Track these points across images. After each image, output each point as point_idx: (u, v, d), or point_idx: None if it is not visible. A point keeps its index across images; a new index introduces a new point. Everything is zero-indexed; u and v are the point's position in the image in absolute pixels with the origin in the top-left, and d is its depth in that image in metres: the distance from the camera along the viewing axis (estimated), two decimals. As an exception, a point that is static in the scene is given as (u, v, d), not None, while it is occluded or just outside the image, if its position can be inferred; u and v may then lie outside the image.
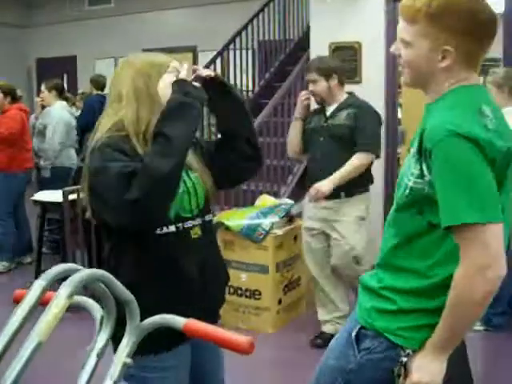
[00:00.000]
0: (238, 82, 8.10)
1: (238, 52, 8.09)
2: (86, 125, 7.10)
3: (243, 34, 8.10)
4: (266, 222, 4.83)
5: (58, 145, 6.72)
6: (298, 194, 6.44)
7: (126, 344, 1.51)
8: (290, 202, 5.35)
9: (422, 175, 1.77)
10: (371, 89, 6.04)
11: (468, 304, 1.69)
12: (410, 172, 1.81)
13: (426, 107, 1.92)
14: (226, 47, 7.71)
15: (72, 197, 5.27)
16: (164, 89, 2.09)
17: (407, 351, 1.83)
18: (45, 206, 5.77)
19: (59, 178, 6.55)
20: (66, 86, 12.44)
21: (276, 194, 6.20)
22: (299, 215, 5.28)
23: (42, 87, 7.16)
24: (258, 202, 5.40)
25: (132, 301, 1.48)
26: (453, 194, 1.67)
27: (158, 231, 2.06)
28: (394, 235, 1.90)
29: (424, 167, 1.76)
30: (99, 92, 8.03)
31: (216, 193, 2.33)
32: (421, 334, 1.82)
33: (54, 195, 5.57)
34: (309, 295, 5.22)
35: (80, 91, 9.79)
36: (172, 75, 2.11)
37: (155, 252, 2.08)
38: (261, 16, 8.22)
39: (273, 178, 6.43)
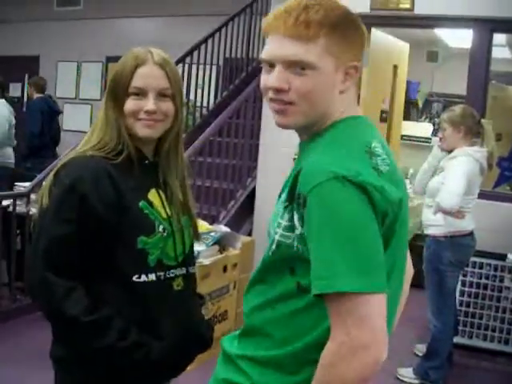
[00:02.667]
0: (194, 96, 7.76)
1: (201, 66, 7.76)
2: (40, 128, 7.15)
3: (209, 48, 7.78)
4: (190, 250, 4.45)
5: None
6: (239, 221, 6.10)
7: None
8: (226, 229, 4.99)
9: (292, 227, 1.41)
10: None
11: None
12: (276, 223, 1.46)
13: (301, 145, 1.57)
14: (182, 60, 7.34)
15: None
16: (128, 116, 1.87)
17: None
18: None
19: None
20: (25, 86, 12.26)
21: (214, 219, 5.84)
22: (234, 245, 4.90)
23: None
24: (194, 226, 5.02)
25: None
26: (329, 253, 1.31)
27: (135, 278, 1.79)
28: (258, 294, 1.56)
29: (295, 218, 1.40)
30: (40, 95, 7.57)
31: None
32: None
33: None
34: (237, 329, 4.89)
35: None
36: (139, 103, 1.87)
37: (127, 300, 1.80)
38: (226, 32, 7.92)
39: (212, 201, 6.05)
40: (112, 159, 1.81)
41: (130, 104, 1.83)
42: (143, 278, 1.79)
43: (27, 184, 5.30)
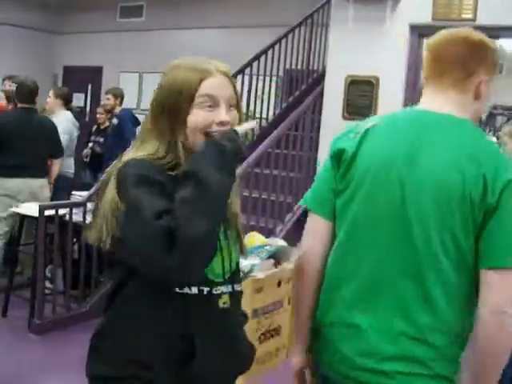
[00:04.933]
0: (253, 108, 7.73)
1: (261, 77, 7.73)
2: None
3: (269, 59, 7.74)
4: (245, 263, 4.37)
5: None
6: (295, 235, 6.00)
7: None
8: (282, 242, 4.90)
9: None
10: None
11: None
12: None
13: None
14: (242, 71, 7.31)
15: (48, 212, 4.97)
16: (194, 129, 1.75)
17: None
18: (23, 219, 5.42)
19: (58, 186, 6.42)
20: (89, 96, 12.45)
21: (271, 232, 5.76)
22: (289, 259, 4.80)
23: (50, 92, 7.21)
24: (245, 240, 4.94)
25: None
26: None
27: (177, 288, 1.71)
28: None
29: None
30: (119, 106, 7.81)
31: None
32: None
33: (31, 209, 5.19)
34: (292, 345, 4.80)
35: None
36: (211, 114, 1.75)
37: (168, 310, 1.72)
38: (286, 43, 7.87)
39: (269, 214, 5.97)
40: (168, 171, 1.72)
41: (199, 115, 1.73)
42: (186, 289, 1.71)
43: (84, 193, 5.32)
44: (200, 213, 1.55)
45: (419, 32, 5.59)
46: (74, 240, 5.41)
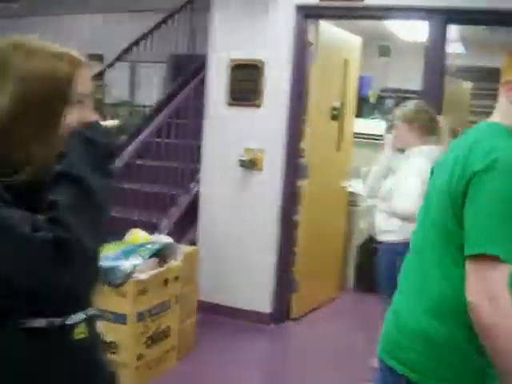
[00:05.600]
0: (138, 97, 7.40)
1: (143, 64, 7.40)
2: None
3: (154, 45, 7.40)
4: (126, 264, 4.05)
5: None
6: (181, 229, 5.71)
7: None
8: (167, 239, 4.61)
9: None
10: (272, 114, 5.39)
11: None
12: None
13: None
14: (119, 58, 6.93)
15: None
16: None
17: None
18: None
19: None
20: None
21: (155, 227, 5.43)
22: (175, 256, 4.51)
23: None
24: (127, 237, 4.62)
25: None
26: None
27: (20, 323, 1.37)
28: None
29: None
30: None
31: None
32: None
33: None
34: (182, 347, 4.59)
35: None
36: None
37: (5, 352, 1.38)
38: (166, 28, 7.57)
39: (152, 207, 5.64)
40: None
41: (75, 115, 1.46)
42: (29, 322, 1.37)
43: None
44: (91, 222, 1.34)
45: (305, 13, 5.37)
46: None
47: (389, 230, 4.04)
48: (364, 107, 8.12)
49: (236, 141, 5.52)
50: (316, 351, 5.20)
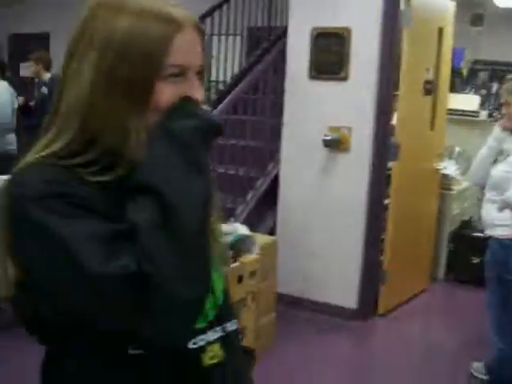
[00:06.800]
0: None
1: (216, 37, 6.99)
2: None
3: (226, 17, 6.98)
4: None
5: None
6: (259, 216, 5.25)
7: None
8: (243, 230, 4.16)
9: None
10: (360, 88, 4.87)
11: None
12: None
13: None
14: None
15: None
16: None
17: None
18: None
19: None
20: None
21: (231, 213, 5.00)
22: (250, 249, 4.06)
23: None
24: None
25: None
26: None
27: (131, 349, 1.14)
28: None
29: None
30: (48, 73, 6.95)
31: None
32: None
33: None
34: (260, 345, 4.19)
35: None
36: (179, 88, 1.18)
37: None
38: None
39: (227, 190, 5.17)
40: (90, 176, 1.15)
41: (170, 92, 1.15)
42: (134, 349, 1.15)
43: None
44: (183, 254, 1.04)
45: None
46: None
47: (501, 223, 3.50)
48: (456, 81, 7.51)
49: (319, 118, 5.03)
50: (405, 351, 4.73)
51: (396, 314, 5.36)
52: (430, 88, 5.50)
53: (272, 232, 5.12)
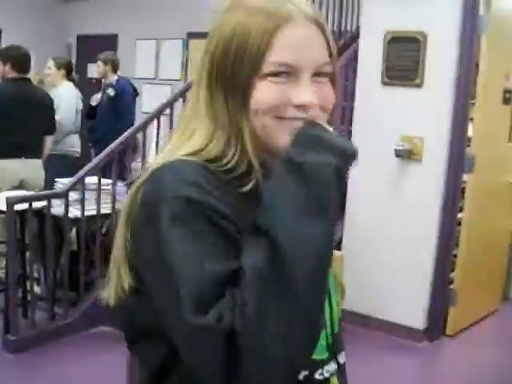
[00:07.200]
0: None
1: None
2: None
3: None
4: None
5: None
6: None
7: None
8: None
9: None
10: (435, 96, 4.62)
11: None
12: None
13: None
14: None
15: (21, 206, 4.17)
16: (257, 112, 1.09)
17: None
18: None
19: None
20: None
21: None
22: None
23: (50, 63, 6.53)
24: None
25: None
26: None
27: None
28: None
29: None
30: (115, 75, 6.93)
31: None
32: None
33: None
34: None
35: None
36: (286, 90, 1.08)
37: None
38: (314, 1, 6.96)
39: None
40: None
41: (268, 92, 1.06)
42: None
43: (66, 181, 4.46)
44: (288, 316, 0.91)
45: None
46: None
47: None
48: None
49: (392, 126, 4.78)
50: (473, 376, 4.42)
51: (465, 335, 5.06)
52: (509, 97, 5.21)
53: (338, 243, 4.90)
